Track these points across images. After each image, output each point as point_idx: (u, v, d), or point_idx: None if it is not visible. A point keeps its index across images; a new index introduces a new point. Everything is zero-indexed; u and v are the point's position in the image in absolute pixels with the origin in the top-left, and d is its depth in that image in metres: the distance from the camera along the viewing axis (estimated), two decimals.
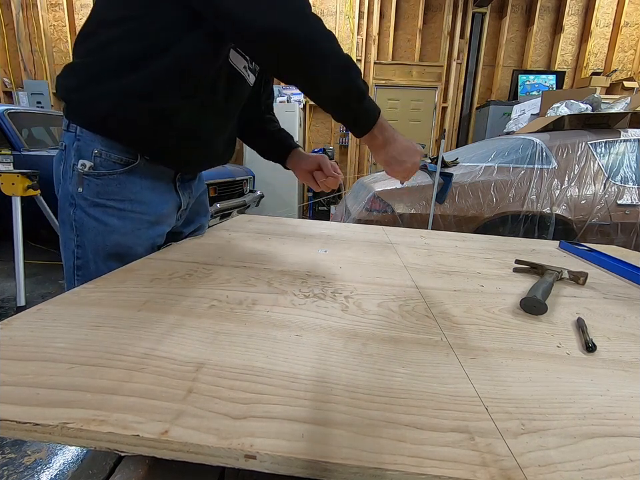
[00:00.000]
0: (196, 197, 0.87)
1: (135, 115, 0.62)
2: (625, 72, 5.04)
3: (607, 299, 0.59)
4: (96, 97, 0.61)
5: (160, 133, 0.65)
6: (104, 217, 0.66)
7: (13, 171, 2.12)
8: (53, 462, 1.13)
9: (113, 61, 0.60)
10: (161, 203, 0.73)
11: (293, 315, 0.45)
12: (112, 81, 0.60)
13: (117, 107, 0.61)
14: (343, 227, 1.09)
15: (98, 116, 0.63)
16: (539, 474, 0.24)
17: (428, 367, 0.36)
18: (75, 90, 0.63)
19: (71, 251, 0.68)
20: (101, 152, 0.64)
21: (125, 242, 0.68)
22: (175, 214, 0.78)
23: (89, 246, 0.67)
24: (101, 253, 0.67)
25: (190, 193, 0.83)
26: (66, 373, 0.31)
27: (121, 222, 0.67)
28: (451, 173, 2.26)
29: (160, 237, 0.75)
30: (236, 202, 3.45)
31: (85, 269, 0.69)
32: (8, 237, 2.11)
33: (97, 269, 0.67)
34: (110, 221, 0.66)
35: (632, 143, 2.25)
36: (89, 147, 0.64)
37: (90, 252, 0.67)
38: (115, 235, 0.67)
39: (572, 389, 0.33)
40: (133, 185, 0.68)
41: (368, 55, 5.09)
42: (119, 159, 0.65)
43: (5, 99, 5.17)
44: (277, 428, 0.26)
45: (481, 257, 0.81)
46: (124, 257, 0.68)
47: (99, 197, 0.65)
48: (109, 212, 0.66)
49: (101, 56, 0.61)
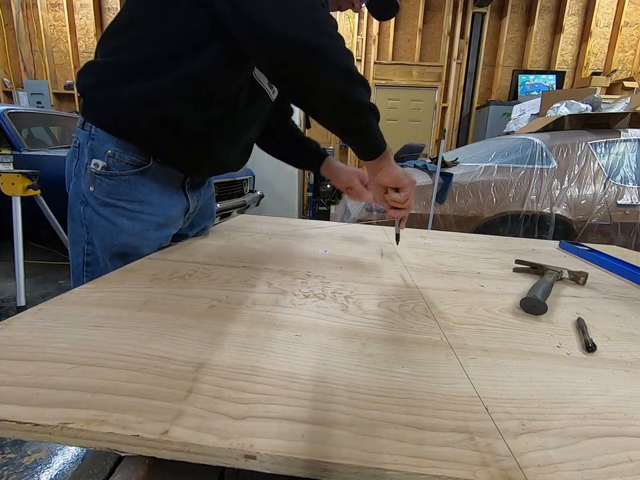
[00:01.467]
0: (204, 200, 0.87)
1: (145, 121, 0.63)
2: (625, 72, 5.04)
3: (607, 298, 0.59)
4: (109, 98, 0.62)
5: (170, 140, 0.65)
6: (113, 216, 0.66)
7: (13, 171, 2.12)
8: (52, 462, 1.13)
9: (127, 65, 0.60)
10: (169, 206, 0.73)
11: (293, 315, 0.45)
12: (124, 85, 0.60)
13: (127, 111, 0.62)
14: (343, 227, 1.09)
15: (110, 117, 0.63)
16: (539, 474, 0.24)
17: (428, 367, 0.36)
18: (91, 89, 0.63)
19: (81, 247, 0.69)
20: (114, 152, 0.64)
21: (132, 242, 0.68)
22: (182, 217, 0.79)
23: (98, 244, 0.68)
24: (108, 252, 0.68)
25: (199, 196, 0.83)
26: (66, 373, 0.31)
27: (130, 222, 0.67)
28: (450, 173, 2.26)
29: (166, 239, 0.75)
30: (236, 202, 3.45)
31: (94, 265, 0.69)
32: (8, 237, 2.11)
33: (105, 266, 0.68)
34: (119, 221, 0.67)
35: (632, 143, 2.25)
36: (103, 146, 0.64)
37: (99, 249, 0.68)
38: (123, 235, 0.67)
39: (572, 389, 0.33)
40: (144, 187, 0.68)
41: (368, 54, 5.09)
42: (131, 160, 0.65)
43: (5, 99, 5.17)
44: (277, 428, 0.26)
45: (481, 257, 0.81)
46: (130, 256, 0.68)
47: (109, 196, 0.66)
48: (118, 212, 0.67)
49: (117, 58, 0.61)
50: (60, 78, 5.22)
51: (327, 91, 0.55)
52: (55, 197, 2.62)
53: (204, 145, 0.69)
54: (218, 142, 0.70)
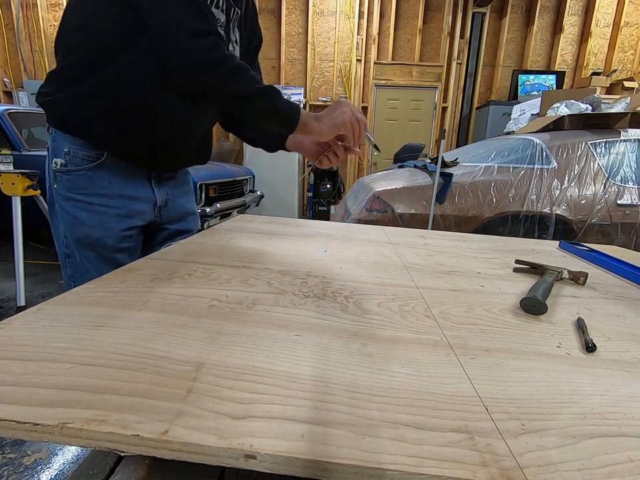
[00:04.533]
0: (178, 195, 0.89)
1: (89, 114, 0.68)
2: (625, 72, 5.04)
3: (607, 298, 0.59)
4: (57, 99, 0.68)
5: (115, 131, 0.70)
6: (74, 210, 0.72)
7: (13, 171, 2.12)
8: (52, 462, 1.13)
9: (74, 67, 0.67)
10: (132, 198, 0.77)
11: (292, 314, 0.45)
12: (73, 85, 0.66)
13: (72, 106, 0.67)
14: (343, 226, 1.09)
15: (59, 116, 0.69)
16: (539, 474, 0.24)
17: (428, 366, 0.36)
18: (46, 95, 0.69)
19: (61, 240, 0.76)
20: (69, 149, 0.70)
21: (93, 234, 0.73)
22: (151, 210, 0.82)
23: (69, 237, 0.74)
24: (76, 243, 0.74)
25: (167, 190, 0.86)
26: (66, 372, 0.31)
27: (89, 215, 0.72)
28: (450, 173, 2.26)
29: (131, 230, 0.78)
30: (236, 202, 3.45)
31: (73, 257, 0.75)
32: (8, 237, 2.11)
33: (79, 257, 0.74)
34: (79, 214, 0.72)
35: (632, 142, 2.25)
36: (61, 145, 0.70)
37: (71, 241, 0.74)
38: (83, 227, 0.73)
39: (572, 388, 0.33)
40: (101, 180, 0.72)
41: (368, 54, 5.09)
42: (85, 155, 0.70)
43: (5, 99, 5.17)
44: (277, 428, 0.26)
45: (481, 257, 0.81)
46: (95, 247, 0.74)
47: (69, 191, 0.72)
48: (79, 205, 0.72)
49: (64, 63, 0.67)
50: None
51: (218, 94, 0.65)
52: None
53: (148, 135, 0.73)
54: (162, 131, 0.75)
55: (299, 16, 5.03)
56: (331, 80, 5.15)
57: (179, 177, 0.90)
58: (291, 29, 5.05)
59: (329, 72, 5.17)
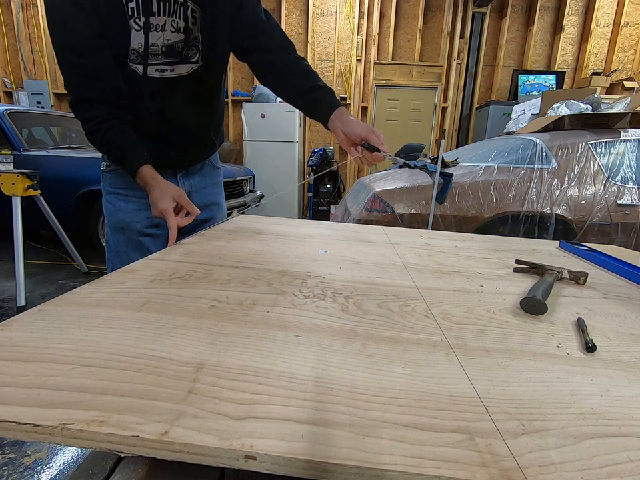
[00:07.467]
0: (202, 187, 1.03)
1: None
2: (625, 72, 5.04)
3: (607, 298, 0.59)
4: None
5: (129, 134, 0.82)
6: (115, 201, 0.91)
7: (13, 171, 2.12)
8: (53, 462, 1.13)
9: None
10: None
11: (293, 315, 0.45)
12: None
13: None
14: (343, 226, 1.09)
15: None
16: (539, 474, 0.24)
17: (428, 367, 0.36)
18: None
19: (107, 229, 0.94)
20: None
21: (124, 218, 0.91)
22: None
23: (108, 223, 0.92)
24: (112, 226, 0.92)
25: (191, 183, 1.00)
26: (66, 373, 0.31)
27: (125, 204, 0.90)
28: (450, 173, 2.26)
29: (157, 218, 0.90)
30: (236, 202, 3.45)
31: (109, 242, 0.94)
32: (8, 237, 2.11)
33: (113, 240, 0.93)
34: (117, 204, 0.91)
35: (632, 142, 2.25)
36: None
37: (110, 227, 0.92)
38: (119, 213, 0.91)
39: (572, 389, 0.33)
40: None
41: (368, 54, 5.10)
42: None
43: (5, 99, 5.17)
44: (277, 428, 0.26)
45: (481, 257, 0.81)
46: (125, 230, 0.91)
47: (111, 186, 0.91)
48: (118, 197, 0.90)
49: None
50: (60, 78, 5.21)
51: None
52: (54, 196, 2.63)
53: (149, 135, 0.85)
54: (156, 129, 0.86)
55: (299, 16, 5.03)
56: (331, 80, 5.15)
57: (206, 170, 1.03)
58: (291, 29, 5.05)
59: (329, 72, 5.17)
